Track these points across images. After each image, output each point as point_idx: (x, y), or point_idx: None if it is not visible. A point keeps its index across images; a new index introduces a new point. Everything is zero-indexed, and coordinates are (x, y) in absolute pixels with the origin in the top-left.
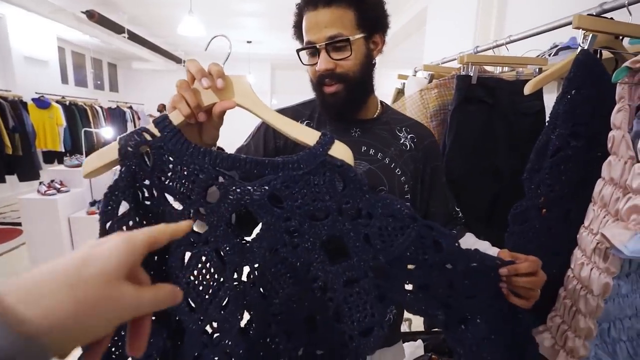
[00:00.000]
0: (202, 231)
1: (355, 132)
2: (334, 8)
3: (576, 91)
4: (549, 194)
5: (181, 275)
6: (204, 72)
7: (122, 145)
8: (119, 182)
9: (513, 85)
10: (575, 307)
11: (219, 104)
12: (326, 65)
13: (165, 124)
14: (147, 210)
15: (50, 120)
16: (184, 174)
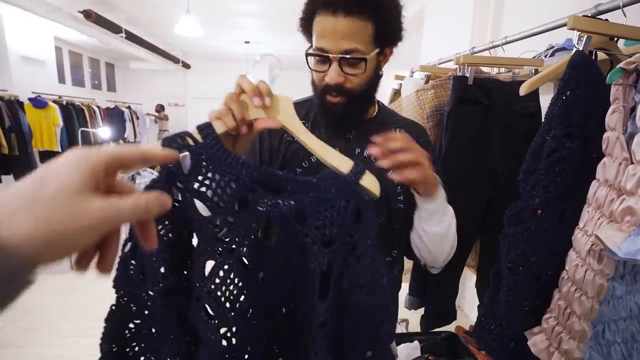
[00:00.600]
0: (205, 214)
1: (350, 135)
2: (354, 19)
3: (571, 92)
4: (544, 195)
5: (202, 284)
6: (257, 91)
7: (164, 147)
8: (156, 182)
9: (509, 86)
10: (570, 309)
11: (264, 120)
12: (337, 79)
13: (208, 131)
14: (175, 213)
15: (46, 120)
16: (219, 182)
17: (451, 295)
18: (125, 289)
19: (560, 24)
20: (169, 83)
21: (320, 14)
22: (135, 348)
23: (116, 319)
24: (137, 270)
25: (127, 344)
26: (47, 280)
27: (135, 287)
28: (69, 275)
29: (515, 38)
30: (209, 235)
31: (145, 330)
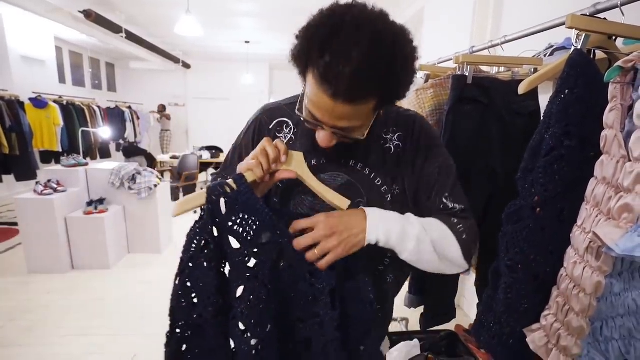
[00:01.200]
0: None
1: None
2: (355, 104)
3: (569, 91)
4: (543, 193)
5: (237, 305)
6: (277, 159)
7: (209, 194)
8: (203, 222)
9: (508, 85)
10: (569, 306)
11: (283, 172)
12: (329, 143)
13: (242, 181)
14: (214, 246)
15: (47, 120)
16: (248, 222)
17: (450, 293)
18: (179, 316)
19: (558, 22)
20: (169, 83)
21: (317, 84)
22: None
23: (174, 342)
24: (188, 295)
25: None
26: (48, 280)
27: (187, 313)
28: (69, 275)
29: (514, 37)
30: (239, 264)
31: (198, 349)
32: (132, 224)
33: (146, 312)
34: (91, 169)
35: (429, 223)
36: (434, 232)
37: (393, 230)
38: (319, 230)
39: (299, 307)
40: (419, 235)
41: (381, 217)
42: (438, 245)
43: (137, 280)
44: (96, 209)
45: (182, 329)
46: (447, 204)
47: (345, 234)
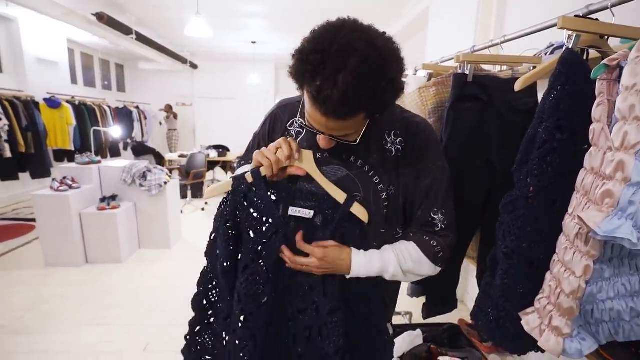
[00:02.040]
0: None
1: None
2: (345, 120)
3: (561, 87)
4: (536, 184)
5: (240, 276)
6: (289, 157)
7: (234, 185)
8: (227, 208)
9: (507, 83)
10: (560, 289)
11: (296, 169)
12: (328, 145)
13: (259, 176)
14: (238, 229)
15: (60, 119)
16: (261, 220)
17: (452, 282)
18: (210, 259)
19: (553, 23)
20: (176, 83)
21: (311, 103)
22: (214, 293)
23: (205, 274)
24: (215, 251)
25: (210, 290)
26: (63, 273)
27: (214, 260)
28: (84, 269)
29: (513, 37)
30: (249, 248)
31: (217, 288)
32: (142, 220)
33: (156, 304)
34: (104, 166)
35: (404, 256)
36: (409, 264)
37: (372, 273)
38: (312, 261)
39: (298, 297)
40: (394, 271)
41: (364, 263)
42: (411, 272)
43: (148, 274)
44: (109, 205)
45: (211, 269)
46: (434, 218)
47: (329, 270)
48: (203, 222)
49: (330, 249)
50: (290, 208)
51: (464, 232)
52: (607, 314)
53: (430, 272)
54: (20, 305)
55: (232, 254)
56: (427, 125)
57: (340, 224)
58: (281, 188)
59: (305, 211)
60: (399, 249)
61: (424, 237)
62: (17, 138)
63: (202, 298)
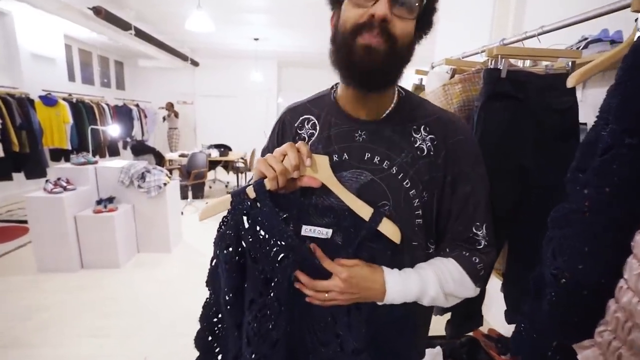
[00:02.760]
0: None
1: (360, 136)
2: None
3: (632, 82)
4: (597, 196)
5: (247, 313)
6: (297, 167)
7: (234, 202)
8: (228, 230)
9: (544, 79)
10: (631, 323)
11: (308, 179)
12: (386, 11)
13: (262, 191)
14: (241, 254)
15: (57, 117)
16: (269, 242)
17: (479, 298)
18: (213, 289)
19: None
20: (177, 81)
21: None
22: (220, 329)
23: (208, 307)
24: (218, 279)
25: (213, 327)
26: (57, 279)
27: (218, 290)
28: (79, 274)
29: (554, 27)
30: (255, 279)
31: (222, 323)
32: (141, 222)
33: (156, 312)
34: (100, 167)
35: (445, 276)
36: (450, 285)
37: (409, 298)
38: (335, 284)
39: (320, 329)
40: (435, 294)
41: (401, 286)
42: (452, 295)
43: (147, 279)
44: (106, 208)
45: (214, 301)
46: (476, 234)
47: (357, 297)
48: (205, 224)
49: (358, 268)
50: (304, 227)
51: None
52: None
53: (471, 294)
54: (12, 315)
55: (237, 283)
56: (464, 123)
57: (364, 243)
58: (291, 203)
59: (321, 230)
60: (437, 266)
61: (464, 253)
62: (11, 137)
63: (207, 334)
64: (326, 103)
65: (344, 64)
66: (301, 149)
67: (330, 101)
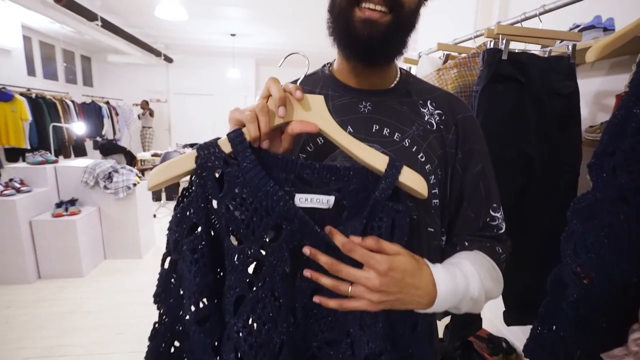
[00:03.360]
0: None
1: (365, 107)
2: None
3: None
4: (630, 182)
5: (233, 321)
6: (283, 100)
7: (201, 158)
8: (193, 202)
9: (546, 62)
10: None
11: (300, 123)
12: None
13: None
14: (213, 237)
15: (13, 114)
16: (254, 210)
17: None
18: (166, 307)
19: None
20: (150, 78)
21: None
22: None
23: (159, 338)
24: (176, 287)
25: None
26: (8, 292)
27: (175, 305)
28: (36, 286)
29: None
30: (240, 266)
31: (186, 353)
32: (108, 226)
33: (125, 326)
34: (61, 166)
35: (483, 271)
36: (488, 282)
37: (453, 302)
38: (369, 279)
39: (326, 323)
40: (478, 294)
41: (452, 292)
42: (489, 295)
43: (115, 289)
44: (67, 211)
45: (168, 326)
46: (495, 217)
47: (395, 301)
48: None
49: (401, 258)
50: (297, 196)
51: None
52: None
53: (499, 294)
54: None
55: (211, 284)
56: (461, 100)
57: (379, 212)
58: (279, 165)
59: (321, 198)
60: (472, 259)
61: (486, 244)
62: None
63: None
64: (319, 78)
65: (343, 38)
66: (287, 85)
67: (325, 75)
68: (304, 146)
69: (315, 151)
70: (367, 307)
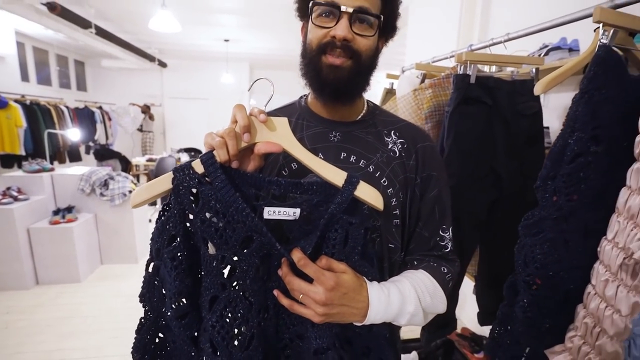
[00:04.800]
0: (212, 252)
1: (335, 137)
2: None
3: (597, 92)
4: (567, 203)
5: (208, 317)
6: (247, 128)
7: (177, 179)
8: (171, 217)
9: (511, 85)
10: (600, 328)
11: (265, 144)
12: (346, 33)
13: (213, 162)
14: (191, 245)
15: (7, 120)
16: (227, 222)
17: (452, 304)
18: (151, 305)
19: (579, 16)
20: (144, 82)
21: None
22: (162, 357)
23: (145, 331)
24: (159, 288)
25: (155, 353)
26: (7, 298)
27: (159, 303)
28: (34, 292)
29: (520, 35)
30: (214, 271)
31: (169, 343)
32: (105, 232)
33: (121, 329)
34: (58, 174)
35: (422, 289)
36: (427, 299)
37: (389, 316)
38: (316, 291)
39: (296, 320)
40: (414, 311)
41: (384, 304)
42: (427, 311)
43: (112, 293)
44: (64, 218)
45: (153, 318)
46: (443, 237)
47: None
48: None
49: (347, 276)
50: (266, 209)
51: (467, 247)
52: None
53: (442, 309)
54: None
55: (189, 286)
56: (423, 130)
57: (334, 223)
58: (249, 181)
59: (287, 210)
60: (412, 278)
61: (432, 264)
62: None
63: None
64: (296, 109)
65: (313, 80)
66: (252, 109)
67: (300, 107)
68: (280, 171)
69: (290, 175)
70: (312, 317)
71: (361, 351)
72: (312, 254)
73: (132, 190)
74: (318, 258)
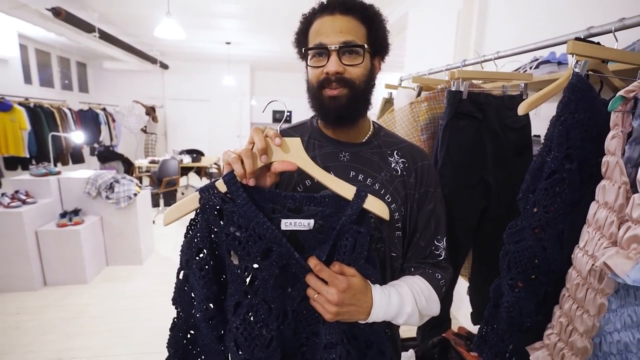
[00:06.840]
0: (236, 262)
1: (344, 157)
2: (350, 17)
3: (570, 115)
4: (544, 214)
5: (232, 319)
6: (264, 150)
7: (203, 199)
8: (198, 232)
9: (500, 100)
10: (572, 326)
11: (281, 163)
12: (336, 67)
13: (234, 182)
14: (216, 256)
15: (12, 123)
16: (249, 235)
17: (447, 304)
18: (182, 307)
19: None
20: (146, 84)
21: (319, 18)
22: (193, 351)
23: (177, 329)
24: (189, 293)
25: (187, 348)
26: (16, 299)
27: (188, 306)
28: (42, 293)
29: (507, 54)
30: (237, 279)
31: (198, 339)
32: (110, 234)
33: (127, 329)
34: (64, 178)
35: (418, 292)
36: (422, 302)
37: (389, 315)
38: (331, 292)
39: (313, 321)
40: (411, 311)
41: (385, 304)
42: (422, 313)
43: (117, 294)
44: (71, 221)
45: (184, 318)
46: (438, 246)
47: (345, 312)
48: (178, 232)
49: (356, 280)
50: (283, 221)
51: (460, 251)
52: (614, 346)
53: (436, 312)
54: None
55: (215, 292)
56: (423, 151)
57: (345, 232)
58: (267, 197)
59: (302, 222)
60: (409, 283)
61: (428, 271)
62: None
63: (181, 354)
64: (308, 129)
65: (319, 110)
66: (268, 132)
67: (312, 127)
68: (295, 188)
69: (304, 191)
70: (324, 315)
71: (364, 344)
72: (325, 259)
73: (137, 193)
74: (331, 263)
